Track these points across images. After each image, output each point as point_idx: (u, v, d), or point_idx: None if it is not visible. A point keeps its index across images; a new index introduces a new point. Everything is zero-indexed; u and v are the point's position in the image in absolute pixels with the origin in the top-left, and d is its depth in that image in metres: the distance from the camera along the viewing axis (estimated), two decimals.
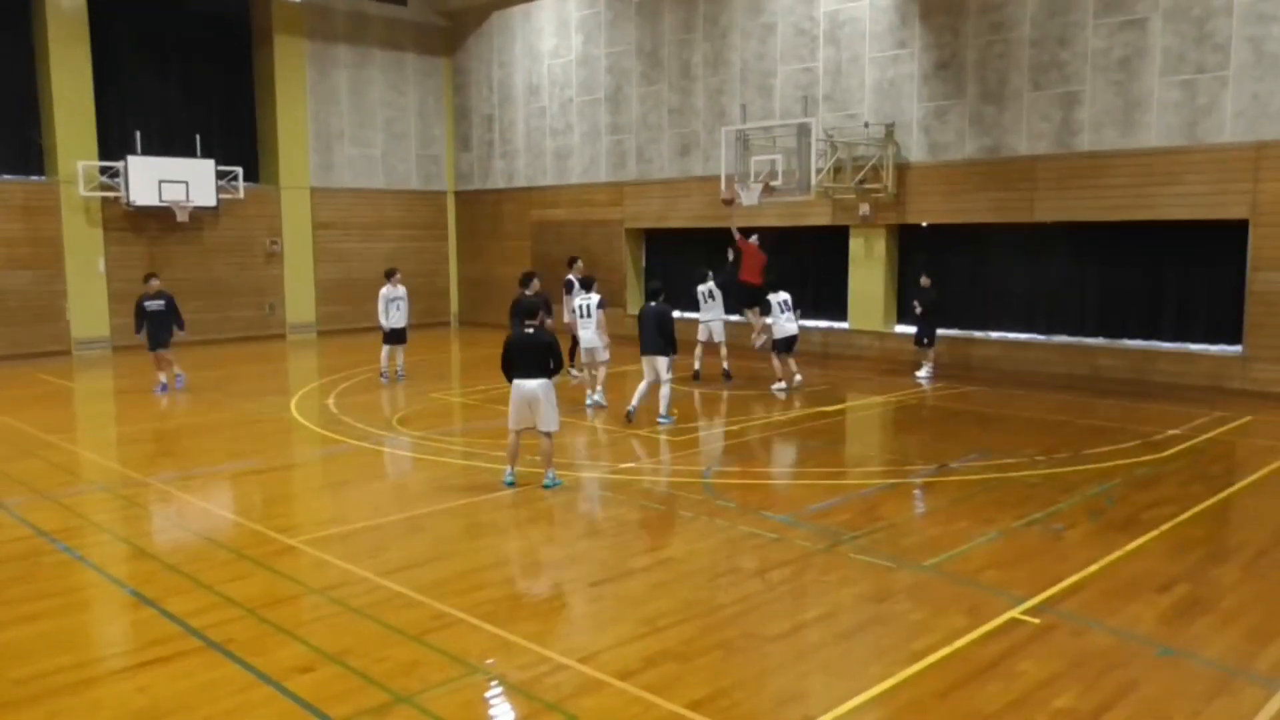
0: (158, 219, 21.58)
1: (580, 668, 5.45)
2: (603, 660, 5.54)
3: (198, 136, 21.93)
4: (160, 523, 8.84)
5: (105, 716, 5.02)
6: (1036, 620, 6.03)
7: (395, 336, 16.18)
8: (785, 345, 15.01)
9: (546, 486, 9.27)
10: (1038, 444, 11.08)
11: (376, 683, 5.30)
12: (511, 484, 9.32)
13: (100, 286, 21.14)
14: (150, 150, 21.17)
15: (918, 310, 16.02)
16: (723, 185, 18.17)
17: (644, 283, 23.00)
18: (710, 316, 15.89)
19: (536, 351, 9.10)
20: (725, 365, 15.85)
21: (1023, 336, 17.11)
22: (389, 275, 16.51)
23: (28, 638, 6.01)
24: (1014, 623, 6.00)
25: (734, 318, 17.43)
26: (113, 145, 21.01)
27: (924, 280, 16.04)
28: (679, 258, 22.13)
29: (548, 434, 9.26)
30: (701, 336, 16.00)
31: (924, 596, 6.51)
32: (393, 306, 16.12)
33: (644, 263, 23.00)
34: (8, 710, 5.09)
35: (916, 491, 9.31)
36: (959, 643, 5.70)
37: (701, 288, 15.91)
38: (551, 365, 9.12)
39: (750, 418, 12.73)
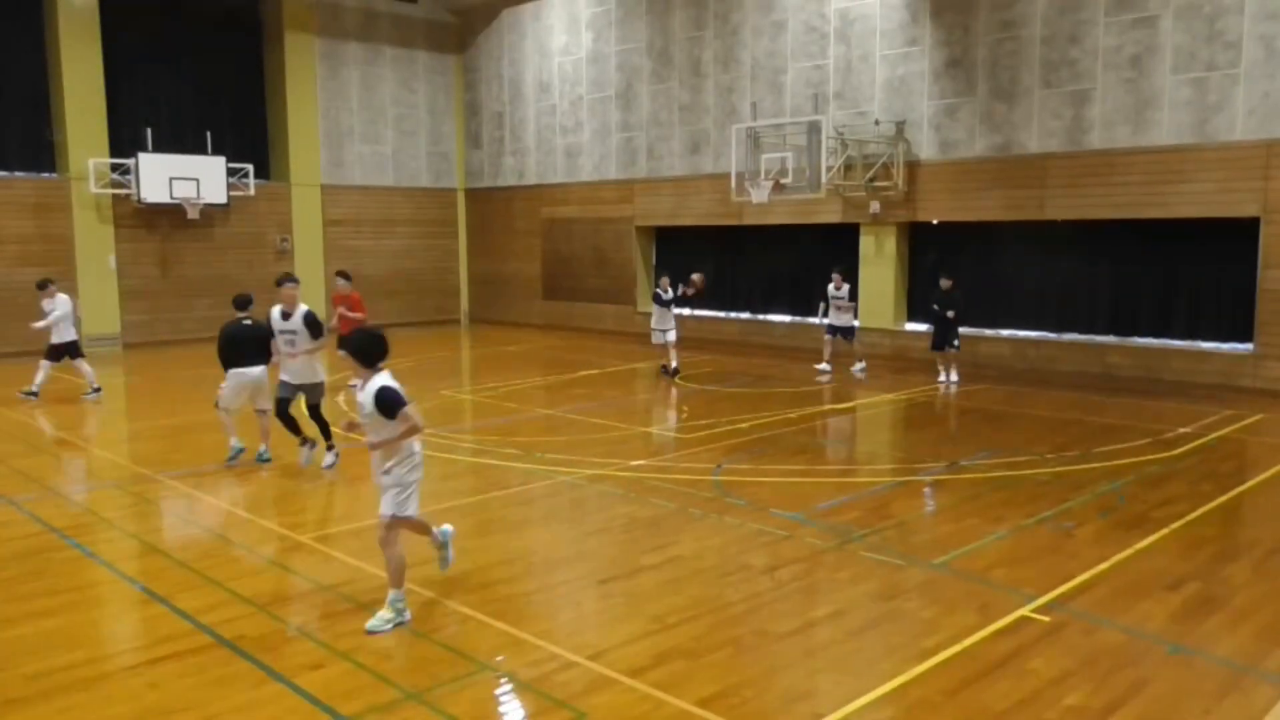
0: (169, 216, 21.66)
1: (590, 665, 5.46)
2: (612, 657, 5.54)
3: (209, 134, 21.99)
4: (170, 519, 8.87)
5: (117, 712, 5.04)
6: (1047, 618, 6.02)
7: None
8: (830, 331, 16.22)
9: (263, 459, 10.36)
10: (1048, 442, 11.04)
11: (386, 680, 5.32)
12: (239, 454, 10.34)
13: (111, 284, 21.24)
14: (161, 147, 21.24)
15: (950, 314, 15.10)
16: (733, 183, 18.16)
17: (653, 281, 23.01)
18: (841, 320, 16.17)
19: (257, 341, 10.19)
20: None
21: (1033, 334, 17.05)
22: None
23: (39, 634, 6.04)
24: (1024, 621, 5.99)
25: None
26: (124, 142, 21.08)
27: (945, 282, 15.24)
28: (689, 255, 22.14)
29: (265, 411, 10.38)
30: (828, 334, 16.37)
31: (934, 594, 6.50)
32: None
33: (654, 260, 22.99)
34: (20, 706, 5.12)
35: (927, 489, 9.29)
36: (969, 640, 5.69)
37: (834, 291, 16.01)
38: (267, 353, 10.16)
39: (760, 415, 12.72)
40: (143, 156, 20.84)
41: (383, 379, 6.12)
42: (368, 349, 6.21)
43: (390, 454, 6.18)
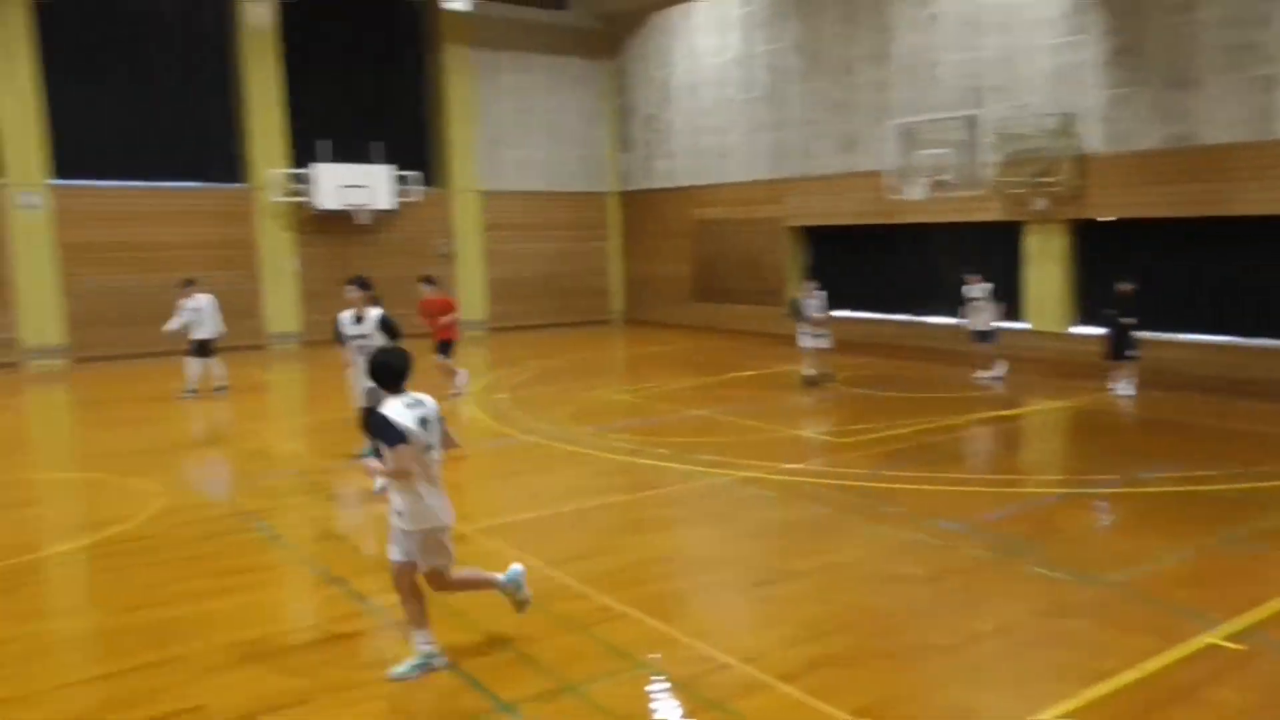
0: (341, 222, 22.85)
1: (743, 667, 5.44)
2: (766, 662, 5.50)
3: (377, 143, 23.04)
4: (345, 506, 9.36)
5: (298, 684, 5.35)
6: (1236, 646, 5.60)
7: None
8: (974, 335, 15.60)
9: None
10: (1238, 456, 10.27)
11: (544, 669, 5.45)
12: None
13: (292, 285, 22.59)
14: (336, 158, 22.42)
15: (1130, 321, 13.80)
16: (888, 181, 17.75)
17: (805, 281, 22.75)
18: (978, 323, 15.59)
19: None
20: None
21: (1219, 339, 15.91)
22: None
23: (232, 608, 6.48)
24: (1210, 648, 5.59)
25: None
26: (302, 154, 22.35)
27: (1123, 287, 13.94)
28: (842, 256, 21.78)
29: None
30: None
31: (1108, 614, 6.16)
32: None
33: (807, 261, 22.73)
34: (216, 673, 5.50)
35: (1100, 503, 8.81)
36: (1148, 666, 5.36)
37: (969, 291, 15.50)
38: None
39: (919, 421, 12.37)
40: (318, 166, 22.07)
41: (386, 404, 5.40)
42: (386, 372, 5.47)
43: (399, 489, 5.47)
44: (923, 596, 6.53)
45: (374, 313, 9.53)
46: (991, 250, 18.38)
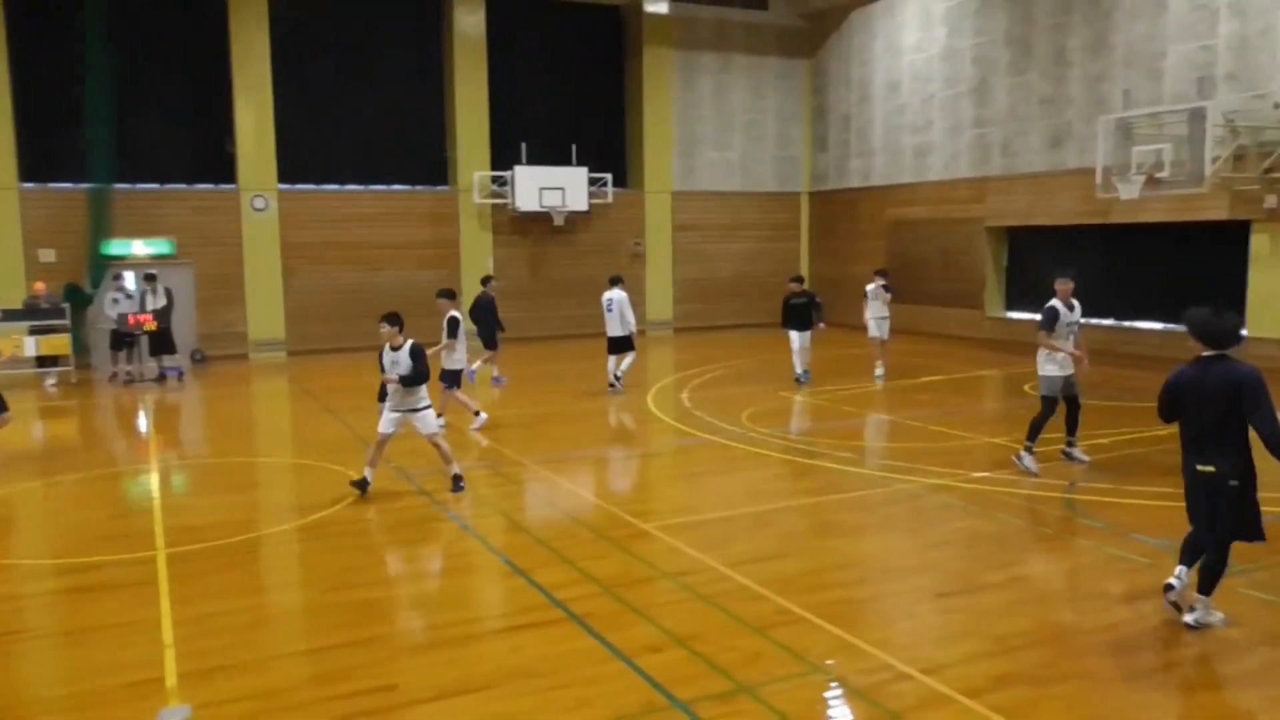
0: (539, 223, 23.70)
1: (924, 679, 5.30)
2: (949, 675, 5.35)
3: (574, 146, 23.78)
4: (532, 500, 9.72)
5: (485, 669, 5.62)
6: None
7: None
8: None
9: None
10: None
11: (721, 670, 5.49)
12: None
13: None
14: (533, 160, 23.28)
15: None
16: (1099, 178, 16.75)
17: (1005, 284, 21.81)
18: None
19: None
20: None
21: None
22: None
23: (428, 592, 6.90)
24: None
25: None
26: (503, 157, 23.32)
27: None
28: (1046, 257, 20.70)
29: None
30: None
31: None
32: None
33: (1005, 262, 21.76)
34: (416, 653, 5.87)
35: None
36: None
37: None
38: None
39: (1124, 431, 11.62)
40: (518, 169, 22.98)
41: None
42: None
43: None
44: (1122, 616, 6.15)
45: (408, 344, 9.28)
46: (1214, 252, 17.00)
